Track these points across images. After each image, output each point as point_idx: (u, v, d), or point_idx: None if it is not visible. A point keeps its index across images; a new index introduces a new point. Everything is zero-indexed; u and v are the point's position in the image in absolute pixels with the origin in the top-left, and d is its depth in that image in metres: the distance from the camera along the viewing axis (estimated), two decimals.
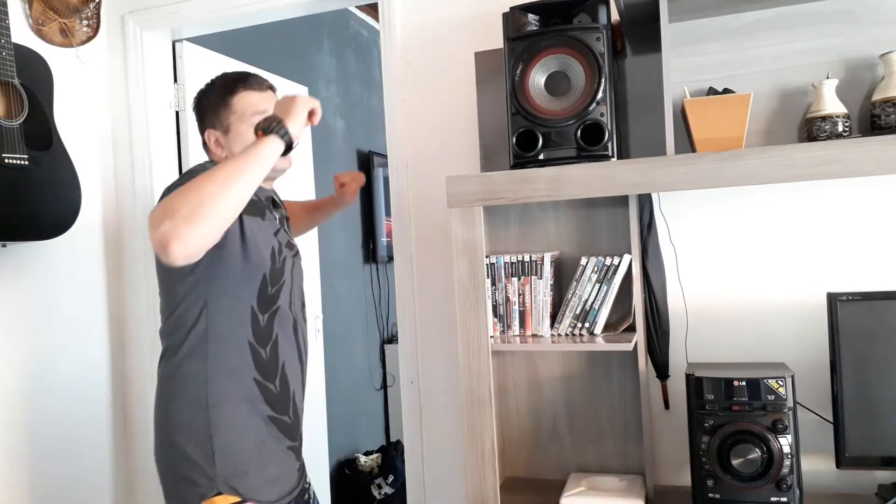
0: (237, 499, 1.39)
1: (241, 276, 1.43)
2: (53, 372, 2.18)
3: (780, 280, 1.71)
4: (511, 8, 1.60)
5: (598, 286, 1.66)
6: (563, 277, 1.79)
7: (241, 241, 1.40)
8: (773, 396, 1.46)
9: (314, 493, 1.69)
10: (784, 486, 1.44)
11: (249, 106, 1.53)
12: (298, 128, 1.35)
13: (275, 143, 1.30)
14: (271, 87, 1.60)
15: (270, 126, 1.30)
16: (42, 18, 2.19)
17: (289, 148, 1.33)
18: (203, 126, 1.60)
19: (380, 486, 3.61)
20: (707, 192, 1.75)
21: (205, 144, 1.62)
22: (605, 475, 1.73)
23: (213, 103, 1.57)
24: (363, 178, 1.98)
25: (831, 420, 1.53)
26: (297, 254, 1.61)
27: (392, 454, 3.77)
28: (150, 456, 2.39)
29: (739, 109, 1.50)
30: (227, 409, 1.42)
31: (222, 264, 1.40)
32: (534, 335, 1.71)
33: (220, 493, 1.39)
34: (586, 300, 1.66)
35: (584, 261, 1.67)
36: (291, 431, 1.54)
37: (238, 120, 1.53)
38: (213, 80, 1.60)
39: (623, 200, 1.74)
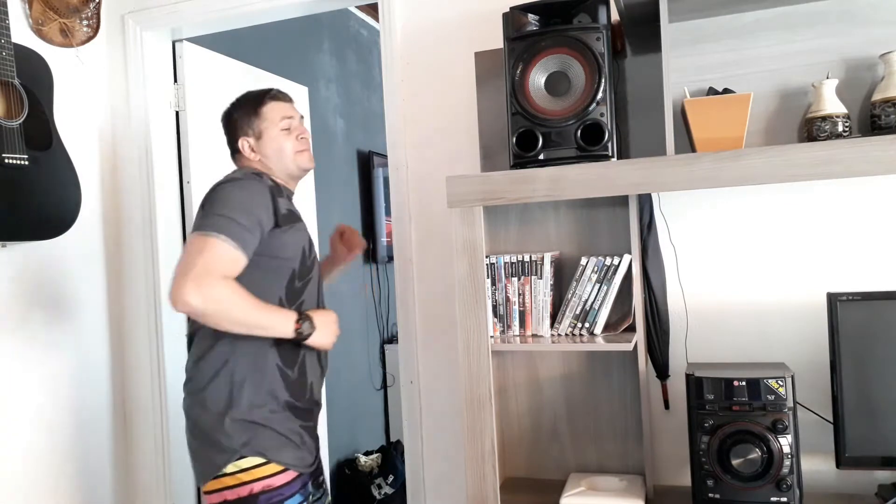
0: (261, 460, 1.57)
1: (272, 269, 1.62)
2: (53, 372, 2.18)
3: (780, 280, 1.71)
4: (511, 8, 1.60)
5: (598, 286, 1.66)
6: (563, 277, 1.79)
7: (270, 246, 1.61)
8: (773, 396, 1.46)
9: (326, 482, 1.82)
10: (784, 486, 1.44)
11: (278, 113, 1.72)
12: (318, 341, 1.64)
13: (291, 331, 1.58)
14: (291, 99, 1.79)
15: (304, 327, 1.59)
16: (42, 18, 2.19)
17: (297, 338, 1.59)
18: (236, 136, 1.75)
19: (380, 486, 3.61)
20: (707, 192, 1.75)
21: (235, 153, 1.77)
22: (605, 475, 1.73)
23: (244, 114, 1.73)
24: (364, 242, 2.02)
25: (831, 420, 1.53)
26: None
27: (392, 454, 3.76)
28: (150, 456, 2.41)
29: (739, 109, 1.50)
30: (247, 388, 1.59)
31: (252, 264, 1.58)
32: (534, 335, 1.70)
33: (243, 457, 1.57)
34: (586, 300, 1.66)
35: (584, 261, 1.67)
36: (305, 414, 1.68)
37: (269, 125, 1.72)
38: (240, 97, 1.77)
39: (623, 200, 1.74)
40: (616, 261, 1.65)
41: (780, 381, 1.46)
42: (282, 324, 1.57)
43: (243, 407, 1.58)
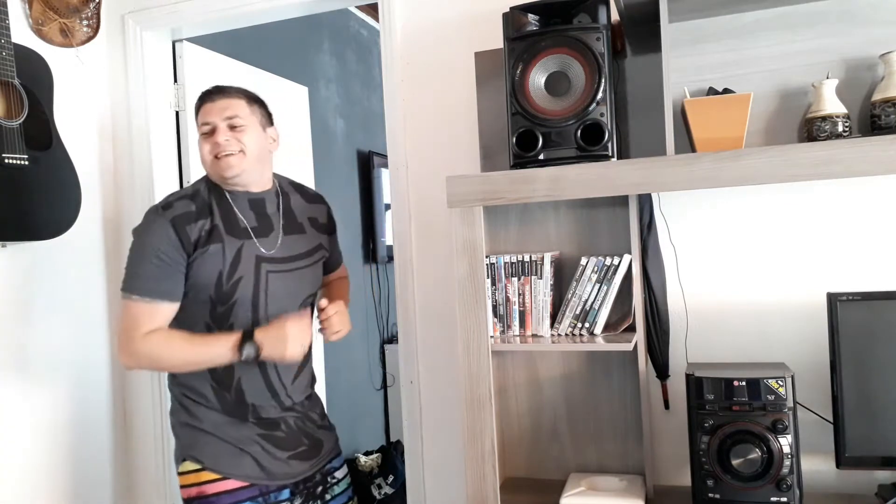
0: (197, 466, 1.59)
1: (193, 298, 1.59)
2: (53, 372, 2.18)
3: (780, 280, 1.71)
4: (511, 8, 1.60)
5: (598, 286, 1.66)
6: (563, 277, 1.79)
7: (190, 274, 1.58)
8: (773, 396, 1.46)
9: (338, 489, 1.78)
10: (784, 486, 1.44)
11: (201, 117, 1.65)
12: (272, 355, 1.57)
13: (232, 357, 1.54)
14: (233, 95, 1.65)
15: (246, 350, 1.54)
16: (42, 18, 2.19)
17: (245, 361, 1.56)
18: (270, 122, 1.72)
19: (380, 486, 3.61)
20: (707, 192, 1.75)
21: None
22: (605, 475, 1.73)
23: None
24: (343, 330, 1.72)
25: (831, 420, 1.53)
26: (291, 264, 1.68)
27: (392, 454, 3.76)
28: (150, 456, 2.41)
29: (739, 109, 1.50)
30: (189, 402, 1.63)
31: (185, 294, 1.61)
32: (534, 335, 1.70)
33: (185, 460, 1.62)
34: (586, 300, 1.66)
35: (584, 261, 1.67)
36: (265, 424, 1.64)
37: (198, 129, 1.67)
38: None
39: (623, 200, 1.74)
40: (616, 261, 1.65)
41: (780, 381, 1.46)
42: (220, 353, 1.54)
43: (188, 412, 1.63)
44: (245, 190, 1.64)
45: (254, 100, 1.67)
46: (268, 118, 1.70)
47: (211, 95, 1.64)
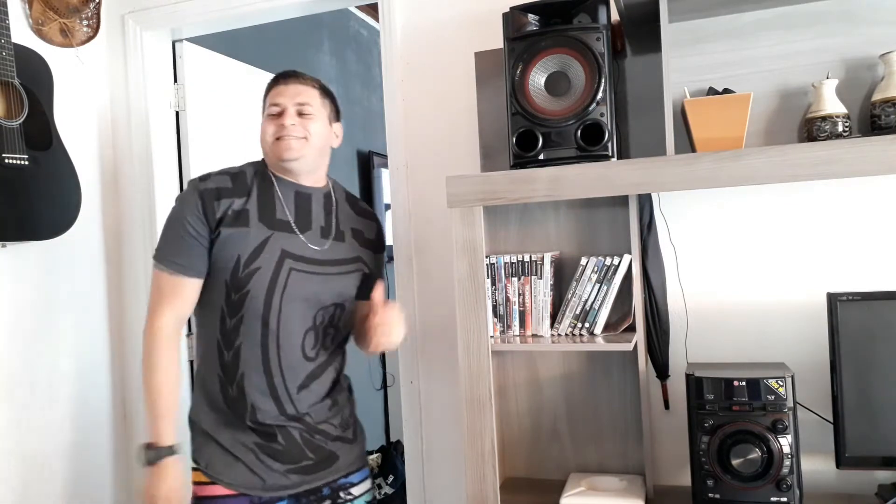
0: (195, 465, 1.59)
1: (212, 280, 1.56)
2: (53, 372, 2.18)
3: (780, 280, 1.71)
4: (511, 8, 1.60)
5: (598, 286, 1.66)
6: (563, 277, 1.79)
7: (212, 251, 1.55)
8: (773, 396, 1.46)
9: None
10: (784, 486, 1.44)
11: (272, 97, 1.61)
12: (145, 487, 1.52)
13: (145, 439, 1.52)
14: (307, 81, 1.63)
15: (145, 454, 1.50)
16: (42, 18, 2.19)
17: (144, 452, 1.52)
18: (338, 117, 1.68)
19: (380, 486, 3.61)
20: (707, 192, 1.75)
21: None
22: (605, 475, 1.73)
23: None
24: (393, 342, 1.58)
25: (831, 420, 1.53)
26: (321, 267, 1.58)
27: (392, 454, 3.76)
28: None
29: (739, 109, 1.50)
30: (199, 391, 1.62)
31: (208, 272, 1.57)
32: (534, 335, 1.70)
33: (193, 459, 1.61)
34: (586, 300, 1.66)
35: (584, 261, 1.67)
36: (262, 434, 1.56)
37: (264, 109, 1.64)
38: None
39: (623, 200, 1.74)
40: (616, 261, 1.65)
41: (780, 381, 1.46)
42: (149, 423, 1.52)
43: (196, 409, 1.61)
44: (295, 181, 1.60)
45: (326, 92, 1.64)
46: (336, 114, 1.66)
47: (286, 78, 1.60)
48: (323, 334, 1.60)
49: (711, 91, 1.67)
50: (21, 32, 2.13)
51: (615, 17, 1.63)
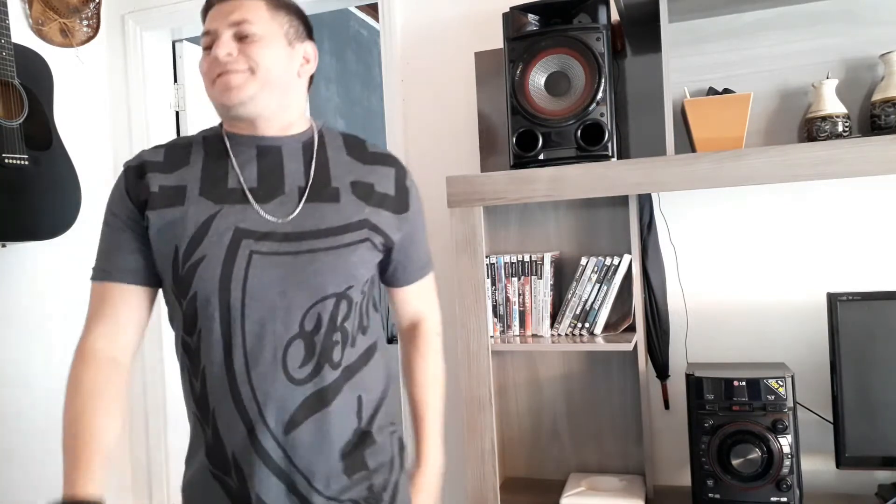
0: None
1: (163, 288, 1.15)
2: (53, 372, 2.18)
3: (780, 280, 1.71)
4: (511, 8, 1.60)
5: (598, 286, 1.66)
6: (563, 277, 1.79)
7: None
8: (773, 396, 1.46)
9: None
10: (784, 486, 1.44)
11: (205, 24, 1.17)
12: None
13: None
14: None
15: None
16: (42, 18, 2.19)
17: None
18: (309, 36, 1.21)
19: None
20: (707, 192, 1.75)
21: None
22: (605, 475, 1.73)
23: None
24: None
25: (831, 420, 1.53)
26: (299, 243, 1.08)
27: None
28: (150, 452, 2.41)
29: (739, 109, 1.50)
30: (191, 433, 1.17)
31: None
32: (534, 335, 1.70)
33: None
34: (586, 300, 1.66)
35: (584, 261, 1.67)
36: (236, 493, 1.08)
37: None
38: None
39: (623, 200, 1.74)
40: (616, 261, 1.65)
41: (780, 381, 1.46)
42: (64, 464, 1.09)
43: (186, 458, 1.18)
44: (254, 133, 1.13)
45: (280, 3, 1.14)
46: (303, 30, 1.17)
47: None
48: (322, 344, 1.07)
49: (711, 91, 1.67)
50: (21, 32, 2.13)
51: (615, 17, 1.63)
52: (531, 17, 1.60)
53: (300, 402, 1.06)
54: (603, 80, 1.52)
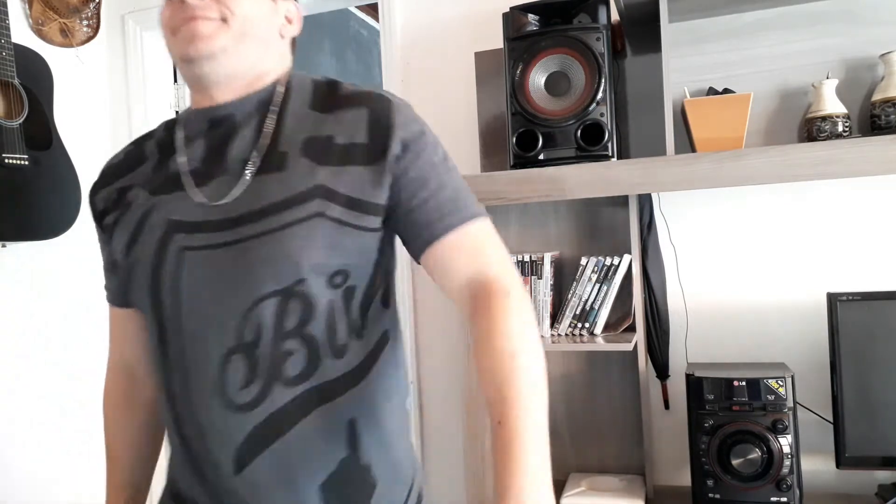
0: None
1: None
2: (53, 372, 2.18)
3: (780, 280, 1.71)
4: (511, 8, 1.60)
5: (598, 286, 1.66)
6: (563, 277, 1.79)
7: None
8: (773, 396, 1.46)
9: None
10: (784, 486, 1.44)
11: None
12: None
13: None
14: None
15: None
16: (42, 18, 2.19)
17: None
18: None
19: None
20: (707, 192, 1.74)
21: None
22: (605, 475, 1.73)
23: None
24: None
25: (831, 420, 1.53)
26: (244, 228, 0.84)
27: None
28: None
29: (739, 109, 1.50)
30: None
31: None
32: None
33: None
34: (586, 300, 1.66)
35: (584, 261, 1.67)
36: None
37: None
38: None
39: (623, 200, 1.74)
40: (616, 261, 1.65)
41: (780, 381, 1.46)
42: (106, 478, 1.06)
43: None
44: (211, 103, 0.92)
45: None
46: None
47: None
48: (269, 357, 0.83)
49: (711, 91, 1.67)
50: (21, 32, 2.13)
51: (615, 17, 1.63)
52: (531, 17, 1.60)
53: (248, 432, 0.82)
54: (603, 80, 1.52)
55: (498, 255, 0.88)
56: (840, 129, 1.53)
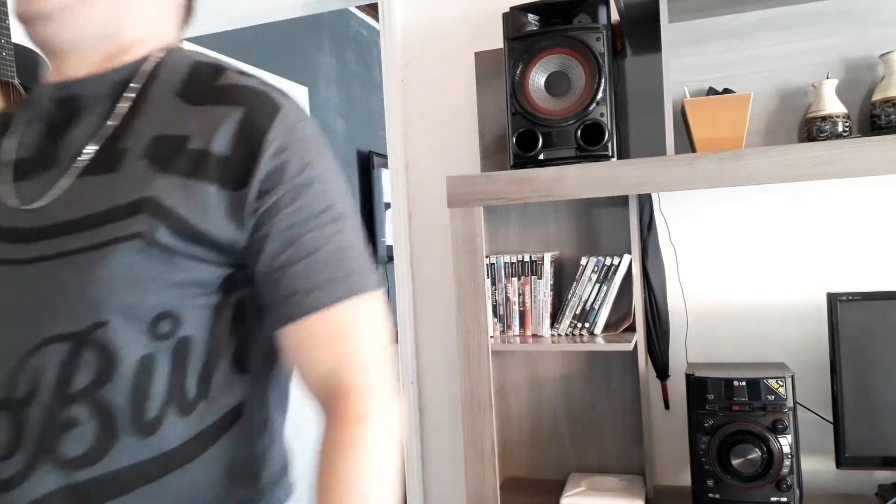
0: None
1: None
2: None
3: (780, 280, 1.70)
4: (511, 8, 1.60)
5: (598, 286, 1.66)
6: (563, 277, 1.79)
7: None
8: (773, 396, 1.46)
9: None
10: (784, 486, 1.44)
11: None
12: None
13: None
14: None
15: None
16: None
17: None
18: None
19: None
20: (707, 192, 1.75)
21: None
22: (605, 475, 1.73)
23: None
24: None
25: (831, 420, 1.53)
26: (29, 245, 0.68)
27: None
28: None
29: (739, 109, 1.50)
30: None
31: None
32: (534, 335, 1.70)
33: None
34: (586, 300, 1.66)
35: (584, 261, 1.67)
36: None
37: None
38: None
39: (623, 200, 1.74)
40: (616, 261, 1.65)
41: (780, 381, 1.46)
42: None
43: None
44: (65, 78, 0.75)
45: None
46: None
47: None
48: (44, 423, 0.63)
49: (711, 91, 1.67)
50: (21, 32, 2.12)
51: (615, 17, 1.63)
52: (531, 17, 1.60)
53: None
54: (603, 80, 1.52)
55: (363, 351, 0.69)
56: (840, 129, 1.53)
